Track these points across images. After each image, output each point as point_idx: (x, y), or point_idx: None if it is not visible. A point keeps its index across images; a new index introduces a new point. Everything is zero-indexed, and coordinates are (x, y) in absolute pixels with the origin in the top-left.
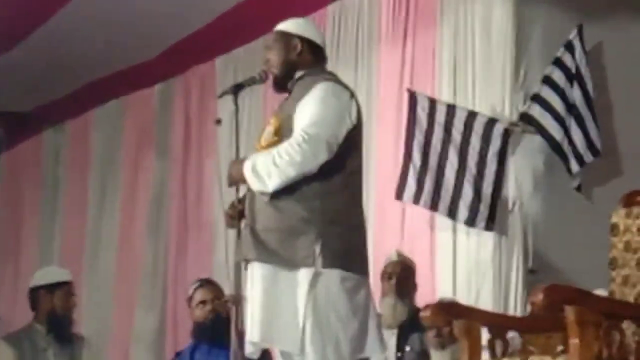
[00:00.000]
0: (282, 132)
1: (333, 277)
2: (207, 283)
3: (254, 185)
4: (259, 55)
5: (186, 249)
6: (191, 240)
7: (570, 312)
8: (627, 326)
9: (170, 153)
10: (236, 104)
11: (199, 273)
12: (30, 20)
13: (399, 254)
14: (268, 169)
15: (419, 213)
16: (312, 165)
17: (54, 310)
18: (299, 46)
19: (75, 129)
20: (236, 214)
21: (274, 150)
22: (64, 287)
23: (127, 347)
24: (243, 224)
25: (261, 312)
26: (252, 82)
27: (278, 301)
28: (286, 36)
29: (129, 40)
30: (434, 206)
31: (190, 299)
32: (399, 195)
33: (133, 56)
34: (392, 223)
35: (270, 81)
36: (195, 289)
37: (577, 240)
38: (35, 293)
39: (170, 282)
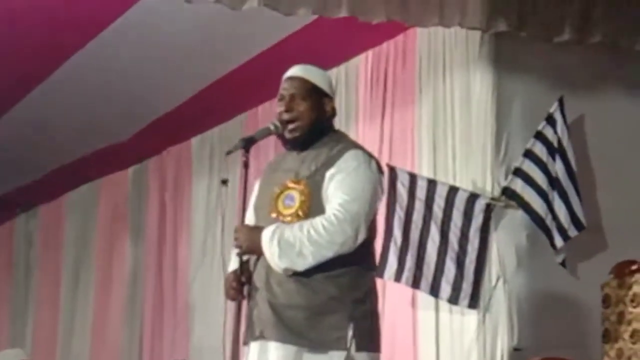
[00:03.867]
0: (311, 202)
1: None
2: None
3: (279, 260)
4: (234, 133)
5: (162, 333)
6: (167, 324)
7: None
8: None
9: (145, 236)
10: (247, 161)
11: (176, 356)
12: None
13: None
14: (300, 246)
15: (401, 291)
16: (352, 247)
17: None
18: (331, 109)
19: (47, 214)
20: (239, 285)
21: (307, 225)
22: None
23: None
24: (252, 295)
25: None
26: (266, 133)
27: None
28: (319, 93)
29: (101, 123)
30: (415, 284)
31: None
32: (380, 273)
33: (106, 138)
34: None
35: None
36: None
37: (564, 316)
38: None
39: None
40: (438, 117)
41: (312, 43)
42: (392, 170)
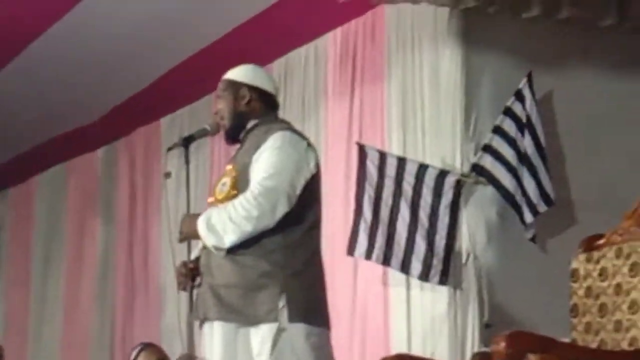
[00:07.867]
0: (239, 185)
1: (298, 332)
2: (148, 347)
3: (209, 240)
4: (204, 114)
5: (133, 314)
6: (138, 305)
7: None
8: None
9: (116, 217)
10: (187, 157)
11: (147, 337)
12: None
13: None
14: (224, 224)
15: (371, 269)
16: (270, 220)
17: None
18: (248, 95)
19: (17, 196)
20: (189, 272)
21: (230, 205)
22: None
23: None
24: (199, 281)
25: None
26: (203, 133)
27: None
28: (234, 85)
29: (70, 104)
30: (386, 261)
31: None
32: (351, 250)
33: (75, 120)
34: (344, 279)
35: (221, 133)
36: (138, 353)
37: (533, 291)
38: None
39: (117, 347)
40: (407, 94)
41: (280, 22)
42: (362, 148)
